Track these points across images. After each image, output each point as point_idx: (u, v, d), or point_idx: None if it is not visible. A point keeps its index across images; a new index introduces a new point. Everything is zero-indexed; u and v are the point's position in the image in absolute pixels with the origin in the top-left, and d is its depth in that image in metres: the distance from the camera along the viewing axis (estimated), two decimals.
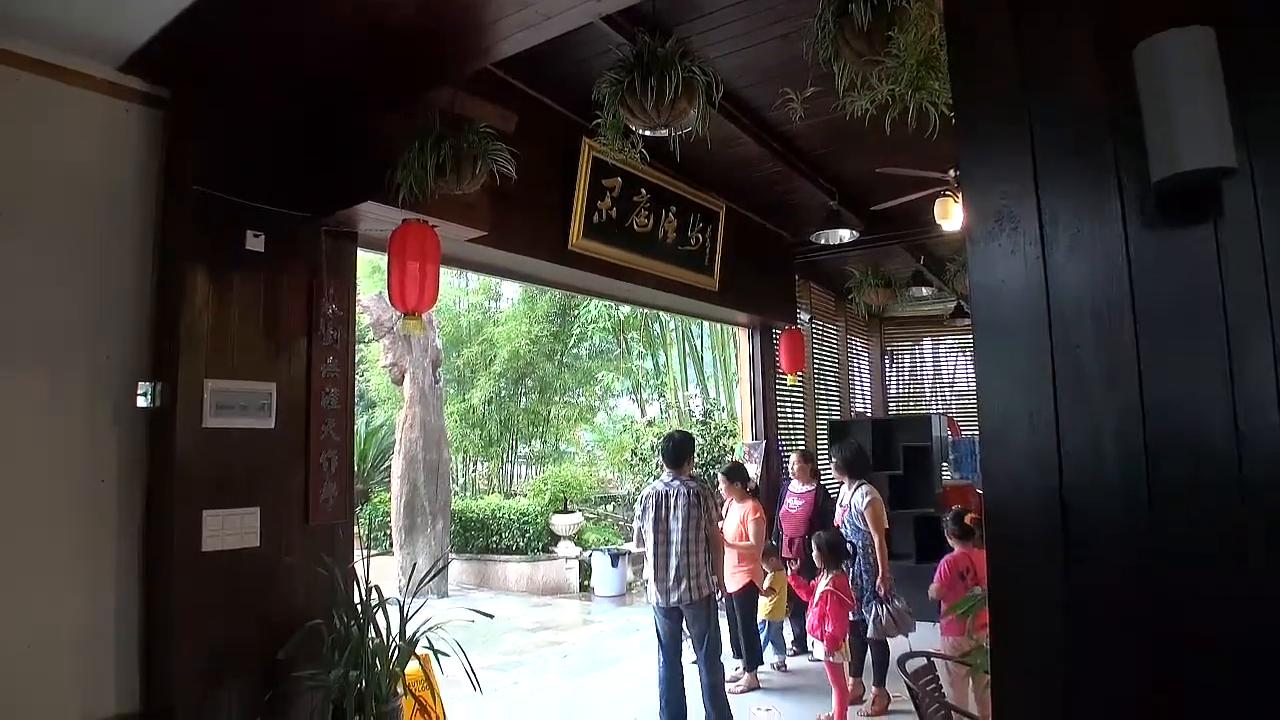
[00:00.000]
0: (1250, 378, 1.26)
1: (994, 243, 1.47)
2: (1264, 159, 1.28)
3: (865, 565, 5.73)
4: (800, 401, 9.51)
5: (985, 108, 1.54)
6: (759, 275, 7.93)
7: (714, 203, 6.95)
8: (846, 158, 6.49)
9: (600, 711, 6.04)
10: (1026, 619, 1.43)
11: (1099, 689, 1.38)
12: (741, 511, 6.45)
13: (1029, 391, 1.41)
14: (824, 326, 10.34)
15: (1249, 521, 1.26)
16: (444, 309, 16.06)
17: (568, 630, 9.95)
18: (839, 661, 5.43)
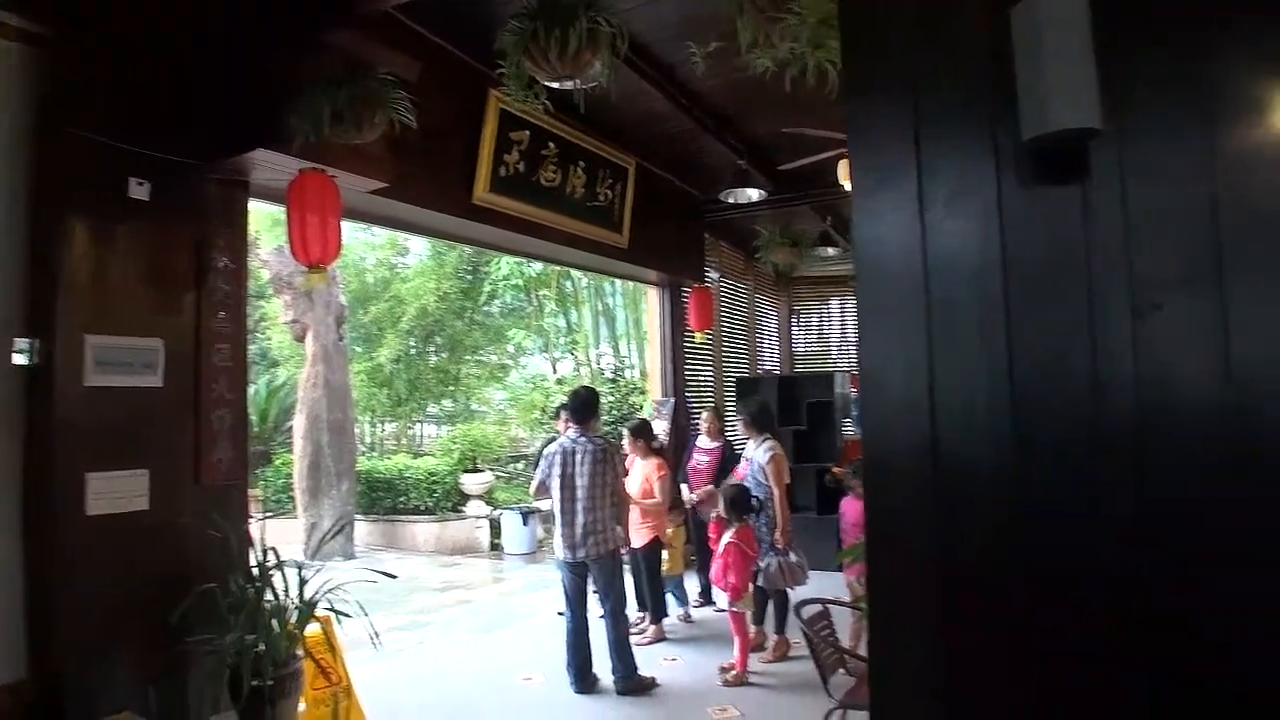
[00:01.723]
0: (1110, 332, 1.32)
1: (877, 199, 1.51)
2: (1129, 122, 1.33)
3: (766, 518, 5.89)
4: (709, 359, 9.63)
5: (871, 65, 1.56)
6: (669, 233, 7.95)
7: (624, 158, 6.91)
8: (755, 117, 6.52)
9: (508, 667, 6.08)
10: (900, 561, 1.49)
11: (970, 629, 1.45)
12: (646, 469, 6.52)
13: (906, 343, 1.46)
14: (733, 285, 10.46)
15: (1106, 467, 1.34)
16: (349, 264, 15.62)
17: (477, 589, 9.94)
18: (742, 611, 5.59)
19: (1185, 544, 1.29)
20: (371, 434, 17.02)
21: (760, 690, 5.51)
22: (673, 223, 8.06)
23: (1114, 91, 1.31)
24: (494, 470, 13.88)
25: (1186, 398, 1.29)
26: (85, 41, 3.53)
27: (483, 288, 16.28)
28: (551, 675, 5.66)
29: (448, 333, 16.03)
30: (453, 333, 16.06)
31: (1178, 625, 1.29)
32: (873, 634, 1.52)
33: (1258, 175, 1.26)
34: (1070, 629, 1.37)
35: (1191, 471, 1.28)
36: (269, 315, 14.87)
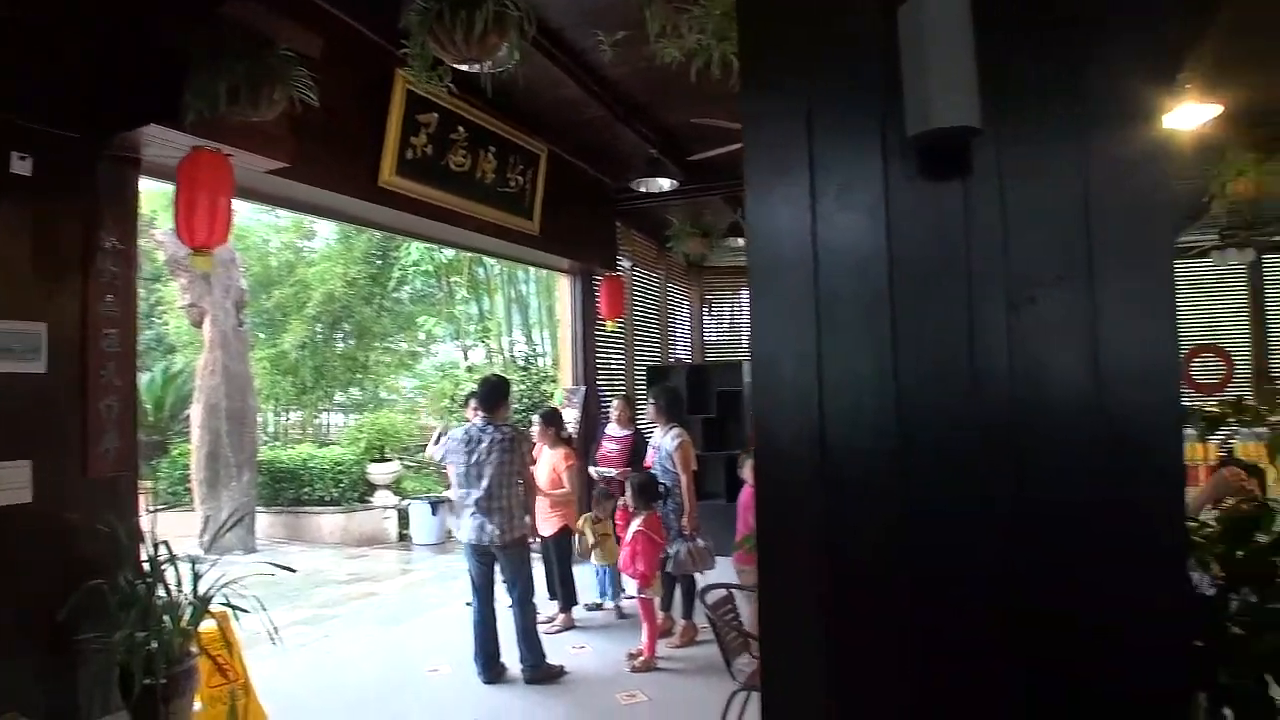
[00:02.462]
0: (988, 326, 1.38)
1: (770, 190, 1.54)
2: (1008, 123, 1.39)
3: (673, 505, 5.96)
4: (620, 347, 9.66)
5: (767, 59, 1.59)
6: (580, 221, 7.93)
7: (535, 145, 6.85)
8: (667, 107, 6.55)
9: (415, 658, 6.00)
10: (789, 544, 1.53)
11: (858, 625, 1.50)
12: (553, 457, 6.51)
13: (796, 333, 1.49)
14: (645, 274, 10.50)
15: (985, 460, 1.40)
16: (251, 247, 15.07)
17: (384, 580, 9.76)
18: (650, 597, 5.65)
19: (1062, 539, 1.36)
20: (275, 423, 16.49)
21: (667, 675, 5.57)
22: (584, 210, 8.04)
23: (994, 93, 1.36)
24: (403, 459, 13.62)
25: (1058, 391, 1.36)
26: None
27: (392, 273, 15.90)
28: (459, 665, 5.61)
29: (356, 319, 15.61)
30: (361, 319, 15.65)
31: (1056, 623, 1.35)
32: (763, 623, 1.55)
33: (1126, 176, 1.33)
34: (953, 626, 1.43)
35: (1064, 465, 1.35)
36: (165, 299, 14.24)
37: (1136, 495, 1.31)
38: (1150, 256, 1.32)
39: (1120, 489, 1.32)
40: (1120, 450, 1.32)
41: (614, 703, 5.08)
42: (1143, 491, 1.31)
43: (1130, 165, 1.33)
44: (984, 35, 1.37)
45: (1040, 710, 1.39)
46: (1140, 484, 1.31)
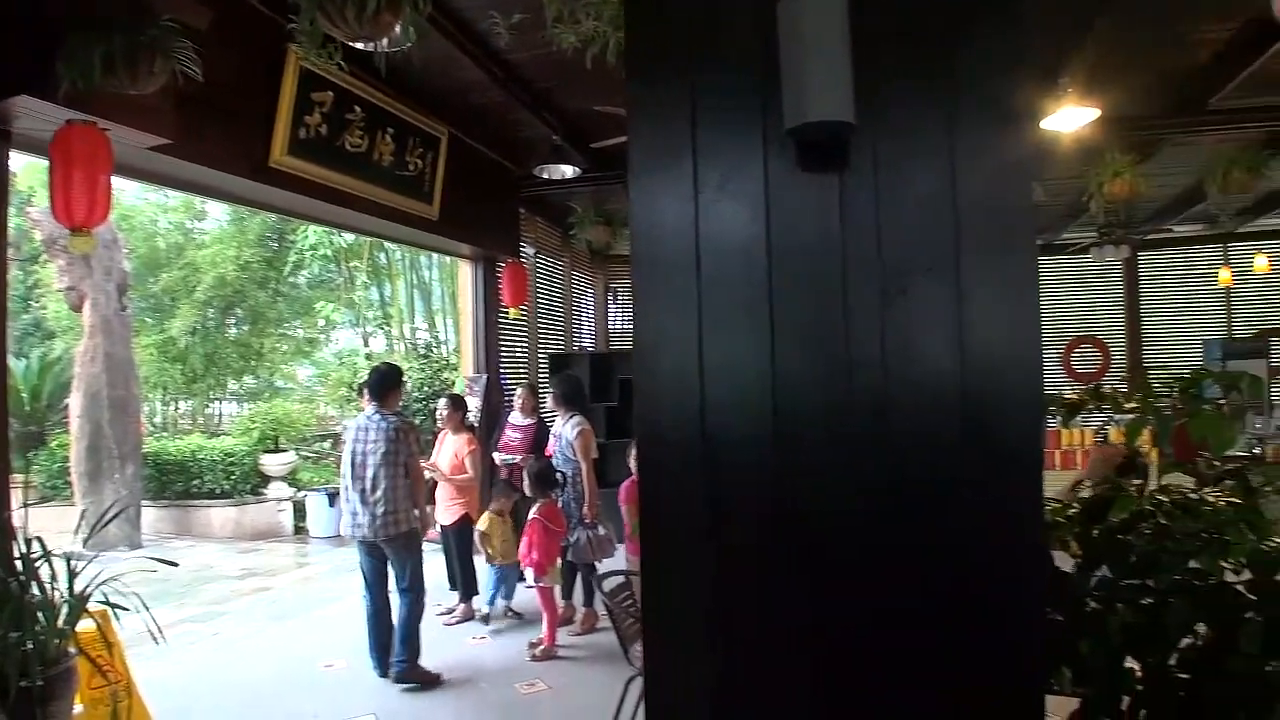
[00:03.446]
0: (862, 314, 1.42)
1: (653, 179, 1.54)
2: (882, 118, 1.43)
3: (574, 493, 5.95)
4: (523, 335, 9.58)
5: (652, 46, 1.59)
6: (482, 206, 7.80)
7: (436, 128, 6.70)
8: (570, 93, 6.49)
9: (309, 654, 5.84)
10: (672, 530, 1.54)
11: (737, 591, 1.52)
12: (456, 443, 6.42)
13: (678, 321, 1.51)
14: (549, 261, 10.42)
15: (858, 437, 1.44)
16: (137, 227, 14.34)
17: (278, 575, 9.47)
18: (548, 586, 5.64)
19: (931, 518, 1.41)
20: (163, 413, 15.78)
21: (568, 663, 5.59)
22: (487, 196, 7.91)
23: (869, 89, 1.40)
24: (299, 450, 13.21)
25: (927, 378, 1.41)
26: None
27: (288, 257, 15.36)
28: (355, 661, 5.50)
29: (249, 304, 15.03)
30: (255, 304, 15.08)
31: (926, 595, 1.41)
32: (646, 607, 1.56)
33: (991, 172, 1.39)
34: (833, 604, 1.46)
35: (933, 448, 1.40)
36: (44, 281, 13.43)
37: (999, 476, 1.37)
38: (1013, 249, 1.38)
39: (984, 470, 1.38)
40: (984, 434, 1.37)
41: (514, 693, 5.07)
42: (1004, 473, 1.37)
43: (995, 162, 1.39)
44: (860, 33, 1.41)
45: (915, 677, 1.44)
46: (1002, 466, 1.37)
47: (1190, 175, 8.85)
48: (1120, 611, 1.74)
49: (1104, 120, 6.32)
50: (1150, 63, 6.36)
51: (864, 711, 1.46)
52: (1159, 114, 7.22)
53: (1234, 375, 1.98)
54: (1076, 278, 12.92)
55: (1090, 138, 6.71)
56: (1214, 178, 7.71)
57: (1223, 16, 5.65)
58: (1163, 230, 11.88)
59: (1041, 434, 1.42)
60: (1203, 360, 11.57)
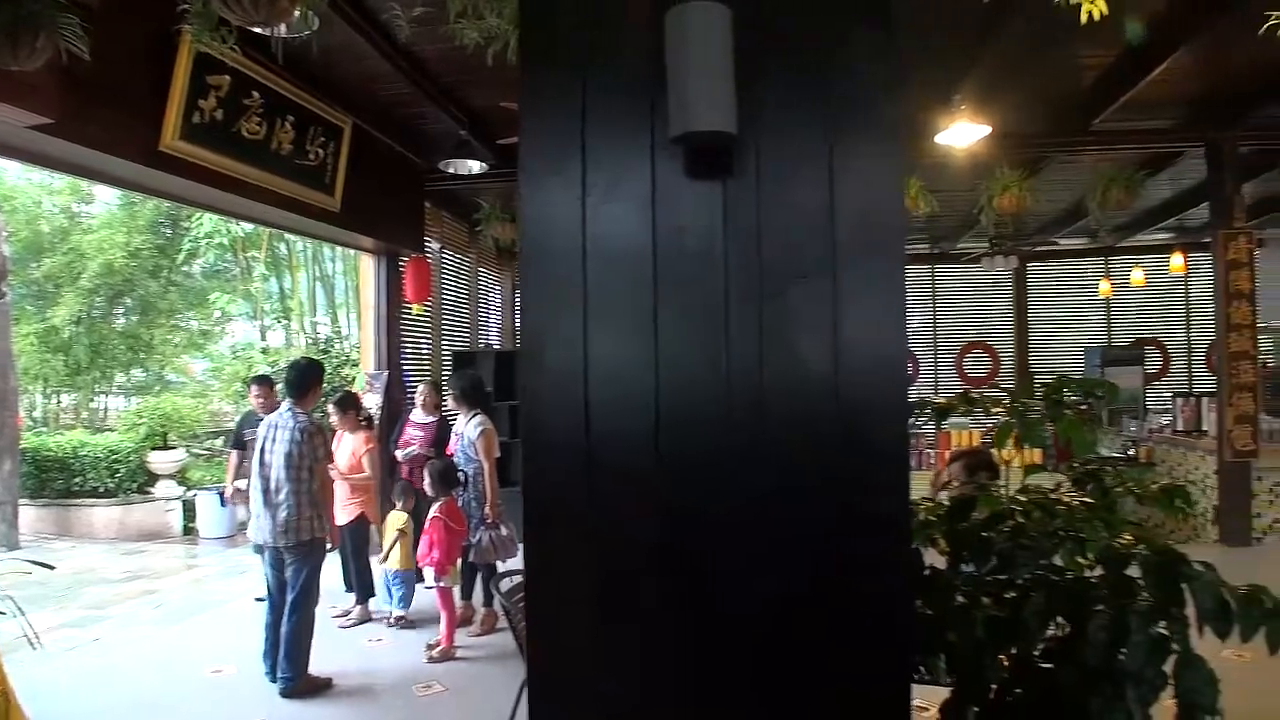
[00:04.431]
0: (742, 317, 1.47)
1: (543, 179, 1.55)
2: (764, 129, 1.48)
3: (475, 493, 5.88)
4: (427, 332, 9.43)
5: (545, 47, 1.60)
6: (386, 200, 7.65)
7: (339, 117, 6.53)
8: (476, 88, 6.44)
9: (196, 659, 5.61)
10: (555, 529, 1.56)
11: (620, 588, 1.54)
12: (354, 442, 6.27)
13: (564, 321, 1.52)
14: (455, 257, 10.28)
15: (736, 438, 1.48)
16: (19, 209, 13.51)
17: (165, 577, 9.06)
18: (448, 586, 5.56)
19: (806, 515, 1.46)
20: (44, 406, 14.92)
21: (466, 664, 5.52)
22: (391, 189, 7.75)
23: (752, 101, 1.44)
24: (189, 447, 12.68)
25: (802, 379, 1.46)
26: None
27: (182, 245, 14.70)
28: (246, 666, 5.30)
29: (139, 293, 14.33)
30: (145, 294, 14.38)
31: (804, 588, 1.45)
32: (529, 605, 1.57)
33: (865, 184, 1.45)
34: (712, 596, 1.50)
35: (807, 448, 1.45)
36: None
37: (869, 475, 1.43)
38: (885, 258, 1.44)
39: (856, 469, 1.43)
40: (855, 435, 1.43)
41: (410, 696, 4.98)
42: (874, 472, 1.43)
43: (870, 175, 1.45)
44: (743, 47, 1.45)
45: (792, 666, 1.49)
46: (872, 465, 1.43)
47: (1073, 192, 9.35)
48: (985, 605, 1.83)
49: (994, 137, 6.62)
50: (1038, 84, 6.69)
51: (743, 701, 1.50)
52: (1045, 133, 7.61)
53: (1094, 382, 2.11)
54: (970, 286, 13.48)
55: (982, 153, 7.02)
56: (1094, 194, 8.17)
57: (1104, 44, 5.99)
58: (1049, 243, 12.52)
59: (907, 435, 1.49)
60: (1084, 366, 12.24)
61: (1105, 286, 12.80)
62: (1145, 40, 5.85)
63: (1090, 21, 3.56)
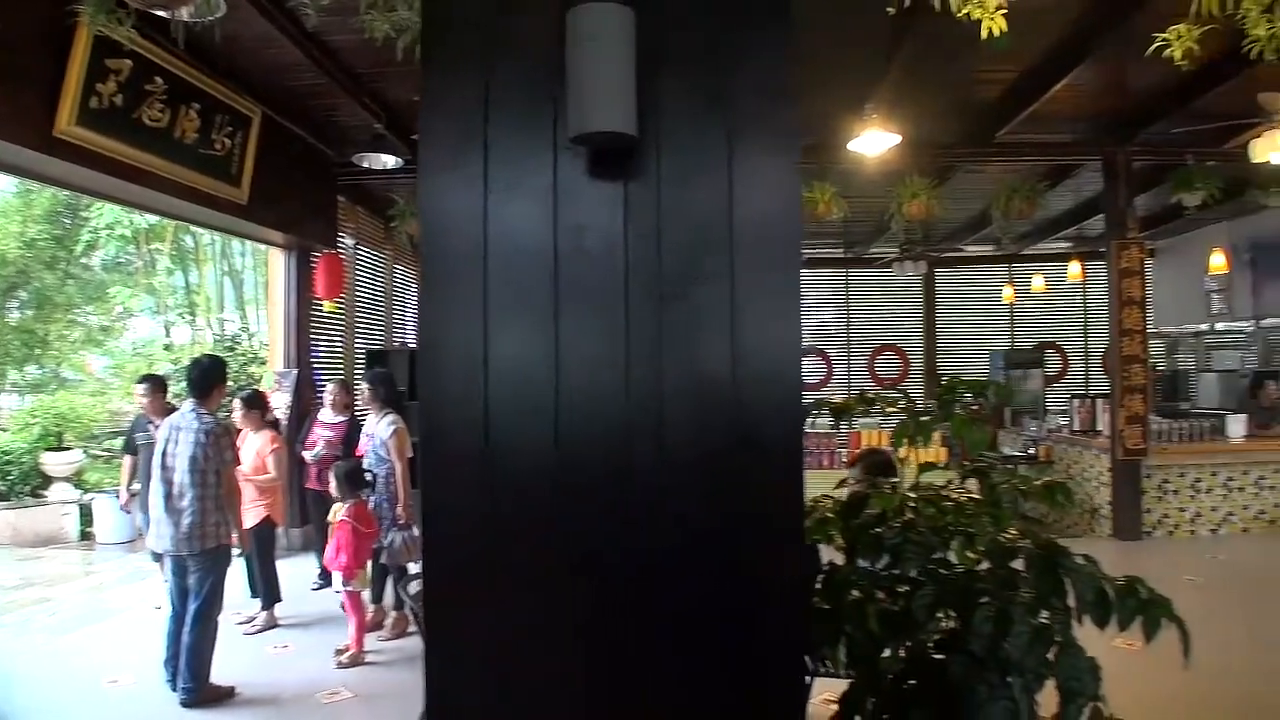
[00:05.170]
0: (641, 319, 1.48)
1: (445, 175, 1.54)
2: (665, 132, 1.49)
3: (387, 494, 5.77)
4: (339, 329, 9.21)
5: (448, 42, 1.58)
6: (298, 193, 7.44)
7: (248, 106, 6.33)
8: (393, 81, 6.32)
9: (93, 669, 5.36)
10: (453, 528, 1.54)
11: (514, 589, 1.54)
12: (258, 442, 6.08)
13: (464, 319, 1.51)
14: (370, 253, 10.07)
15: (634, 440, 1.49)
16: None
17: (60, 584, 8.63)
18: (356, 590, 5.44)
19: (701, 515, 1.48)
20: None
21: (375, 669, 5.41)
22: (303, 182, 7.55)
23: (654, 105, 1.46)
24: (87, 449, 12.11)
25: (700, 382, 1.48)
26: None
27: (81, 236, 14.05)
28: (145, 675, 5.09)
29: (35, 286, 13.65)
30: (42, 286, 13.71)
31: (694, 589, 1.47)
32: (427, 605, 1.55)
33: (763, 190, 1.47)
34: (604, 599, 1.51)
35: (703, 450, 1.47)
36: None
37: (764, 472, 1.46)
38: (781, 263, 1.48)
39: (751, 467, 1.46)
40: (751, 434, 1.46)
41: (315, 703, 4.85)
42: (769, 469, 1.46)
43: (767, 182, 1.48)
44: (646, 52, 1.46)
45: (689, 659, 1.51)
46: (767, 462, 1.46)
47: (979, 200, 9.70)
48: (879, 599, 1.89)
49: (905, 145, 6.82)
50: (946, 96, 6.93)
51: (641, 690, 1.51)
52: (953, 143, 7.88)
53: (984, 383, 2.19)
54: (882, 290, 13.86)
55: (892, 161, 7.23)
56: (998, 204, 8.49)
57: (1008, 60, 6.24)
58: (956, 249, 12.97)
59: (802, 434, 1.53)
60: (989, 369, 12.71)
61: (1009, 292, 13.33)
62: (1046, 57, 6.12)
63: (993, 38, 3.71)
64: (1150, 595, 1.89)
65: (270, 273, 8.80)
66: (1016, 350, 13.09)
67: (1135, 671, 3.38)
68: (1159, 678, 2.63)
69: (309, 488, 6.95)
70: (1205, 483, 8.15)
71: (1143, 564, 7.27)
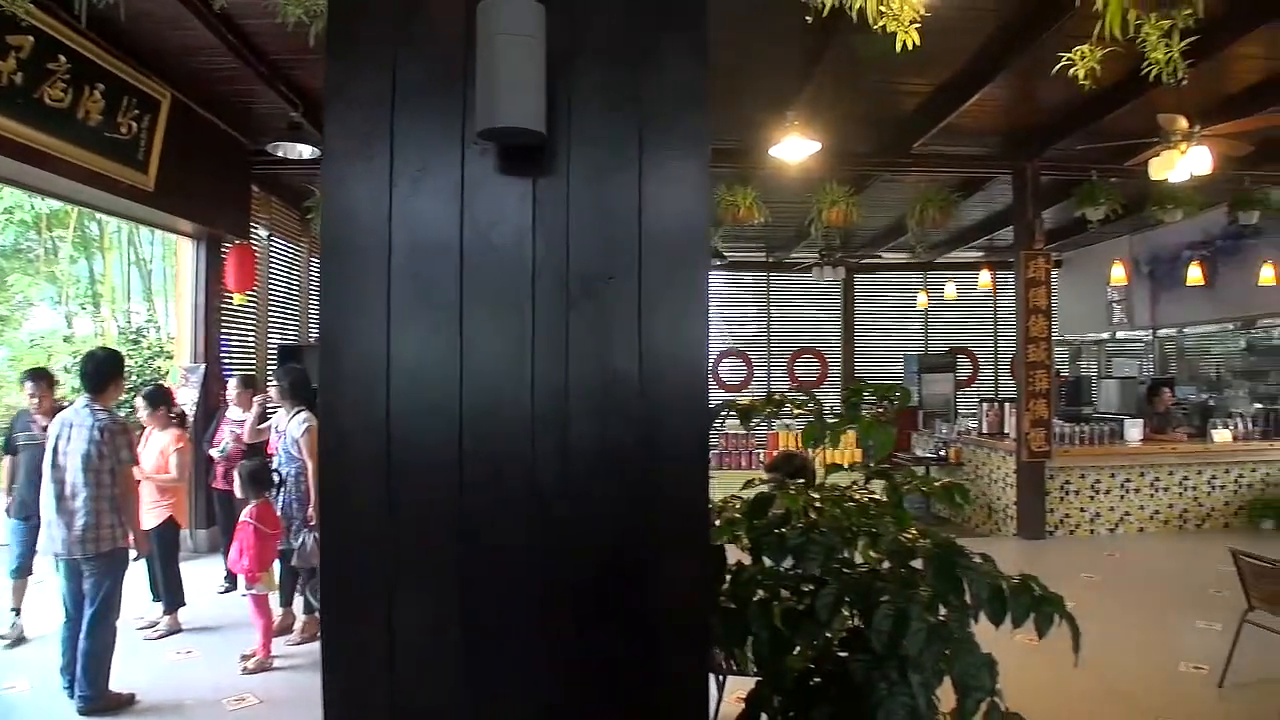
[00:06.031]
0: (548, 318, 1.47)
1: (349, 166, 1.50)
2: (576, 130, 1.48)
3: (297, 494, 5.59)
4: (251, 323, 8.93)
5: (355, 29, 1.54)
6: (209, 180, 7.19)
7: (156, 89, 6.09)
8: (311, 69, 6.15)
9: None
10: (352, 529, 1.50)
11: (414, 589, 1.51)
12: (162, 441, 5.85)
13: (367, 307, 1.47)
14: (286, 246, 9.79)
15: (539, 439, 1.48)
16: None
17: None
18: (262, 593, 5.27)
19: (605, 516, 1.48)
20: None
21: (284, 673, 5.25)
22: (215, 169, 7.29)
23: (566, 103, 1.45)
24: None
25: (608, 381, 1.47)
26: None
27: None
28: (39, 682, 4.85)
29: None
30: None
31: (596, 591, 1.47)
32: (324, 604, 1.52)
33: (672, 192, 1.48)
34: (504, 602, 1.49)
35: (609, 449, 1.47)
36: None
37: (668, 472, 1.47)
38: (689, 265, 1.48)
39: (656, 467, 1.46)
40: (656, 433, 1.46)
41: (221, 710, 4.69)
42: (674, 469, 1.47)
43: (677, 183, 1.49)
44: (557, 49, 1.45)
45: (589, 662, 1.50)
46: (672, 462, 1.47)
47: (896, 209, 9.96)
48: (784, 599, 1.92)
49: (825, 153, 6.95)
50: (865, 106, 7.10)
51: (542, 699, 1.51)
52: (871, 152, 8.08)
53: (888, 387, 2.25)
54: (803, 294, 14.11)
55: (813, 168, 7.37)
56: (913, 213, 8.73)
57: (924, 74, 6.43)
58: (874, 256, 13.31)
59: (708, 435, 1.54)
60: (904, 372, 13.07)
61: (923, 299, 13.74)
62: (960, 73, 6.32)
63: (909, 51, 3.81)
64: (1043, 593, 1.96)
65: (178, 263, 8.48)
66: (930, 355, 13.49)
67: (1038, 666, 3.51)
68: (1059, 671, 2.75)
69: (216, 487, 6.72)
70: (1104, 484, 8.53)
71: (1045, 562, 7.56)
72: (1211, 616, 5.52)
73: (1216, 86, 6.45)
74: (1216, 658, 4.57)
